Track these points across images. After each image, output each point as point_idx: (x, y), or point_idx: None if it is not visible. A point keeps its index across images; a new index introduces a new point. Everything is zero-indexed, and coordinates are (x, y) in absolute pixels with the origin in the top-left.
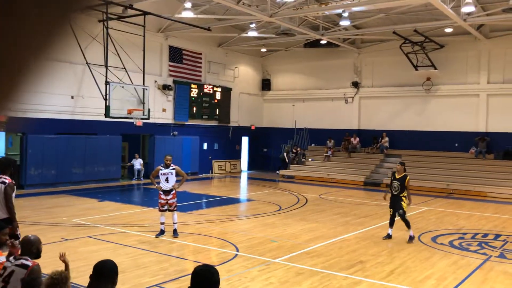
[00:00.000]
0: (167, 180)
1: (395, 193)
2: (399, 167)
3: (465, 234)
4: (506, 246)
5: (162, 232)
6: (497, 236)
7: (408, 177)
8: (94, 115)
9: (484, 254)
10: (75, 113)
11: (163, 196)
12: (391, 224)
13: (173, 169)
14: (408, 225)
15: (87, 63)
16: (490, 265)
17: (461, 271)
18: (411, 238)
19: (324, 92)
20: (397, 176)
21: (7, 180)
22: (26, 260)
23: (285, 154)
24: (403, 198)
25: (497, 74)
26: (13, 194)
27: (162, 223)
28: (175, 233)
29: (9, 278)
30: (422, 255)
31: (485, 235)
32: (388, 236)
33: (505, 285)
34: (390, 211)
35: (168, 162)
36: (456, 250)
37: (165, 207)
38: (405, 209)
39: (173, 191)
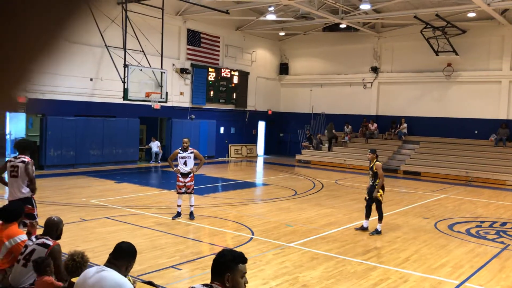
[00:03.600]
0: (185, 163)
1: (371, 183)
2: (370, 155)
3: (482, 222)
4: None
5: (179, 214)
6: None
7: (375, 163)
8: (112, 98)
9: (502, 243)
10: (94, 95)
11: (181, 179)
12: (367, 215)
13: (191, 152)
14: (380, 218)
15: (106, 45)
16: (507, 254)
17: (478, 259)
18: (377, 232)
19: (343, 77)
20: (370, 165)
21: (27, 159)
22: (47, 239)
23: (333, 131)
24: (380, 190)
25: None
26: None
27: (179, 206)
28: (191, 215)
29: (30, 256)
30: (438, 243)
31: (503, 223)
32: (362, 228)
33: None
34: (366, 199)
35: (186, 145)
36: (473, 238)
37: (183, 190)
38: (381, 200)
39: (191, 174)
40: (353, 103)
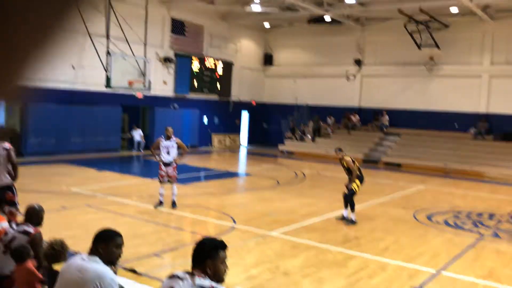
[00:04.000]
0: (168, 152)
1: (349, 178)
2: (339, 155)
3: (460, 213)
4: (499, 226)
5: (161, 203)
6: (491, 215)
7: (344, 159)
8: (94, 86)
9: (478, 233)
10: (76, 83)
11: (163, 168)
12: (346, 205)
13: (174, 141)
14: (352, 207)
15: (88, 33)
16: (483, 243)
17: (454, 248)
18: (352, 222)
19: (326, 69)
20: (342, 162)
21: (8, 145)
22: (28, 227)
23: (320, 122)
24: (356, 180)
25: (501, 55)
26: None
27: (161, 194)
28: (173, 204)
29: (11, 244)
30: (416, 232)
31: (480, 214)
32: (342, 218)
33: (496, 262)
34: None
35: (169, 134)
36: (450, 228)
37: (165, 179)
38: (355, 189)
39: (174, 163)
40: (336, 95)
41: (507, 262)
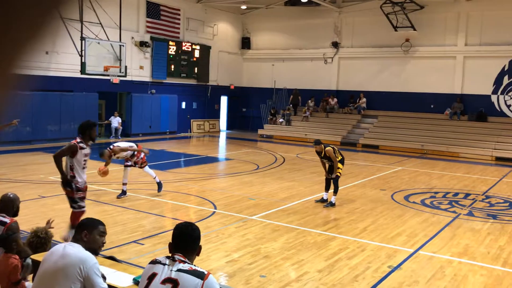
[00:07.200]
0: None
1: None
2: (317, 148)
3: (436, 193)
4: (474, 205)
5: (123, 192)
6: (466, 195)
7: (325, 150)
8: (69, 72)
9: (454, 212)
10: (50, 69)
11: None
12: (327, 188)
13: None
14: (336, 190)
15: (61, 17)
16: (458, 222)
17: (431, 228)
18: (331, 204)
19: (304, 52)
20: (321, 155)
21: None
22: (4, 217)
23: (299, 98)
24: (338, 165)
25: (475, 36)
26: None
27: (124, 184)
28: (159, 186)
29: None
30: (394, 213)
31: (456, 194)
32: (322, 200)
33: (471, 240)
34: (329, 176)
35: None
36: (427, 208)
37: (129, 162)
38: (340, 173)
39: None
40: (314, 78)
41: (482, 240)
